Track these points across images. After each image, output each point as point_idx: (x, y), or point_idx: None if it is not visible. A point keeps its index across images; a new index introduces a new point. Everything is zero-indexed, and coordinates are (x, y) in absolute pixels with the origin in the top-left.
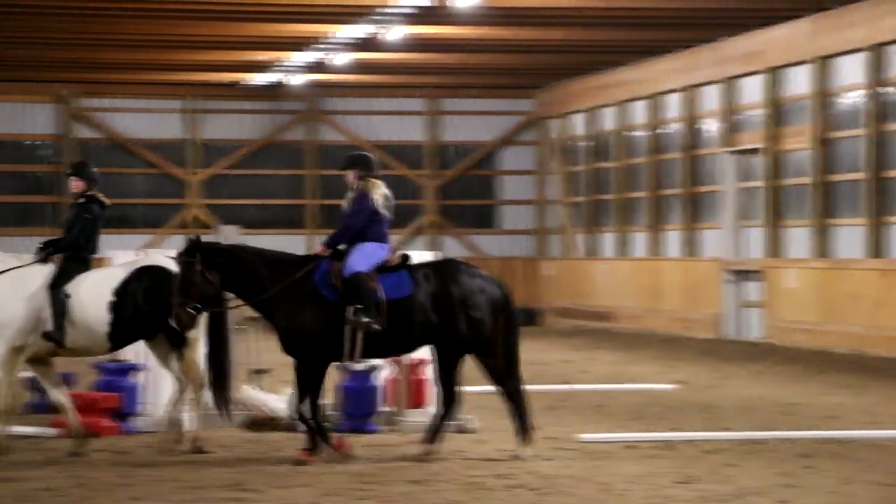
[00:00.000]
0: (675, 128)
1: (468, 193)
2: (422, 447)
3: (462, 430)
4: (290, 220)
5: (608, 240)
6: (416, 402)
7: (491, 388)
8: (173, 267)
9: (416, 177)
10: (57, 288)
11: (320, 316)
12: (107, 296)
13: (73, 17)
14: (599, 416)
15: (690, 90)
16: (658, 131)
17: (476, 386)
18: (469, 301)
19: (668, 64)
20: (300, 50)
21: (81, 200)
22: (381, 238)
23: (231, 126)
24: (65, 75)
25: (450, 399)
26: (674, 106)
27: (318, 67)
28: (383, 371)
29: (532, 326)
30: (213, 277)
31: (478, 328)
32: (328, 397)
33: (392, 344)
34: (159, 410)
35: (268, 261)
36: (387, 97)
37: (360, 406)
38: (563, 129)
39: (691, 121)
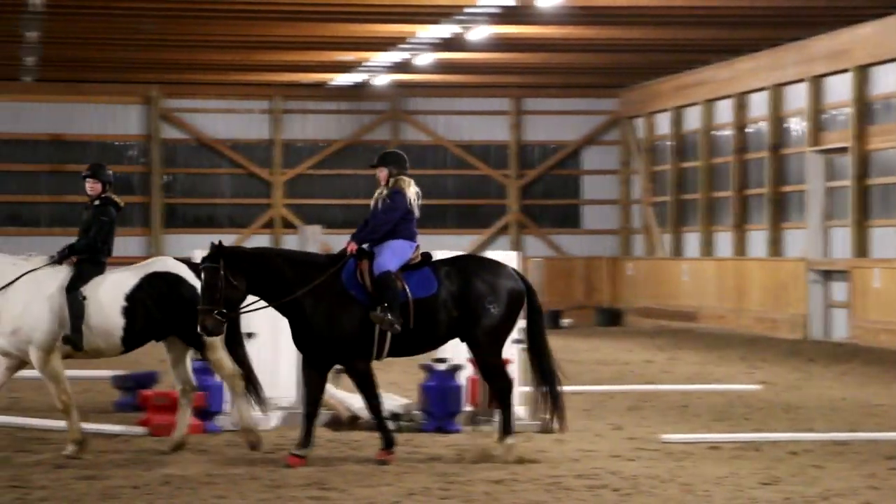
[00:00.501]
0: (760, 127)
1: (551, 193)
2: (500, 447)
3: (544, 430)
4: None
5: (692, 239)
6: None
7: (572, 388)
8: (184, 270)
9: (499, 176)
10: (74, 290)
11: (349, 316)
12: (120, 300)
13: (162, 19)
14: (682, 417)
15: (776, 89)
16: (743, 130)
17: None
18: (491, 294)
19: (752, 63)
20: (385, 50)
21: (97, 203)
22: (411, 236)
23: (315, 126)
24: (153, 76)
25: (504, 382)
26: (759, 105)
27: (401, 67)
28: (466, 371)
29: (615, 326)
30: (239, 282)
31: (496, 321)
32: (411, 396)
33: (419, 342)
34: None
35: (295, 262)
36: (470, 97)
37: (443, 406)
38: (648, 128)
39: (777, 120)
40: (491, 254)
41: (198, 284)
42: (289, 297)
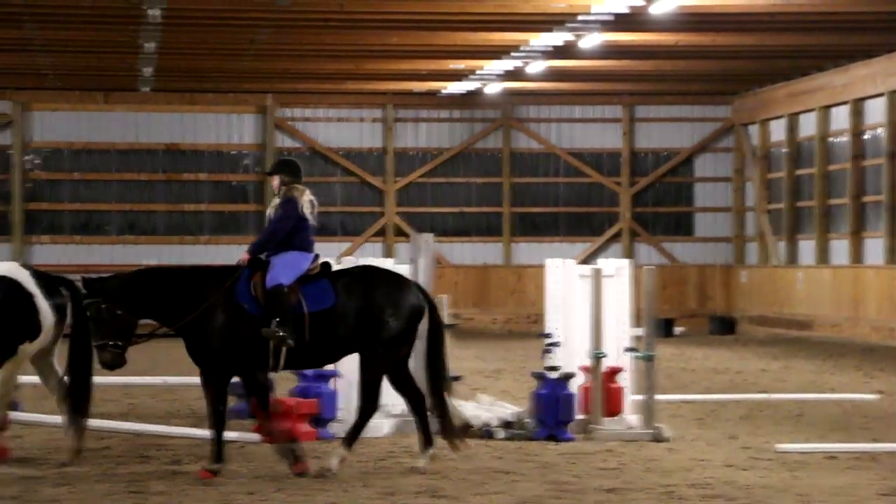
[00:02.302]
0: (877, 133)
1: (664, 201)
2: (423, 457)
3: (657, 439)
4: (486, 228)
5: (807, 247)
6: (612, 410)
7: (685, 396)
8: (25, 278)
9: (611, 184)
10: None
11: (242, 330)
12: None
13: (277, 29)
14: (797, 426)
15: (892, 95)
16: (860, 137)
17: (669, 395)
18: (389, 306)
19: (868, 68)
20: (497, 58)
21: None
22: (306, 246)
23: (427, 134)
24: (267, 86)
25: (415, 401)
26: (875, 111)
27: (514, 75)
28: (578, 379)
29: (728, 335)
30: (122, 310)
31: (394, 333)
32: (523, 404)
33: (316, 355)
34: (353, 417)
35: (185, 277)
36: (582, 104)
37: (555, 414)
38: (762, 135)
39: (894, 126)
40: (602, 262)
41: (37, 293)
42: (183, 319)
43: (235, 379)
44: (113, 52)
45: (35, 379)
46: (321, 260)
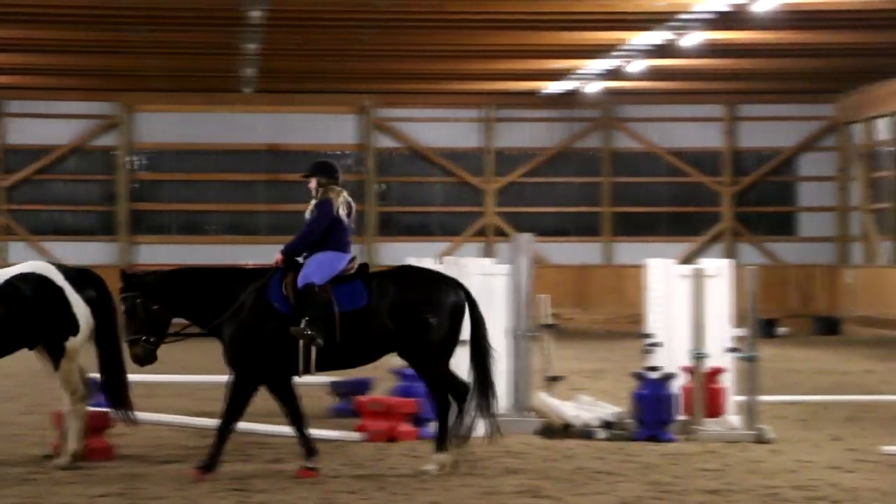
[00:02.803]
0: None
1: (766, 200)
2: (432, 461)
3: (759, 441)
4: (586, 228)
5: None
6: (713, 411)
7: (789, 398)
8: (54, 274)
9: (713, 184)
10: None
11: (272, 330)
12: None
13: (377, 30)
14: None
15: None
16: None
17: (772, 396)
18: (427, 307)
19: None
20: (597, 57)
21: None
22: (341, 247)
23: (527, 134)
24: (367, 86)
25: (443, 406)
26: None
27: (614, 74)
28: (679, 379)
29: (833, 335)
30: (158, 307)
31: (435, 333)
32: (623, 405)
33: (349, 355)
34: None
35: (220, 277)
36: (683, 103)
37: (656, 414)
38: (866, 133)
39: None
40: (704, 262)
41: (67, 287)
42: (209, 315)
43: (335, 377)
44: (216, 54)
45: (140, 377)
46: (358, 261)
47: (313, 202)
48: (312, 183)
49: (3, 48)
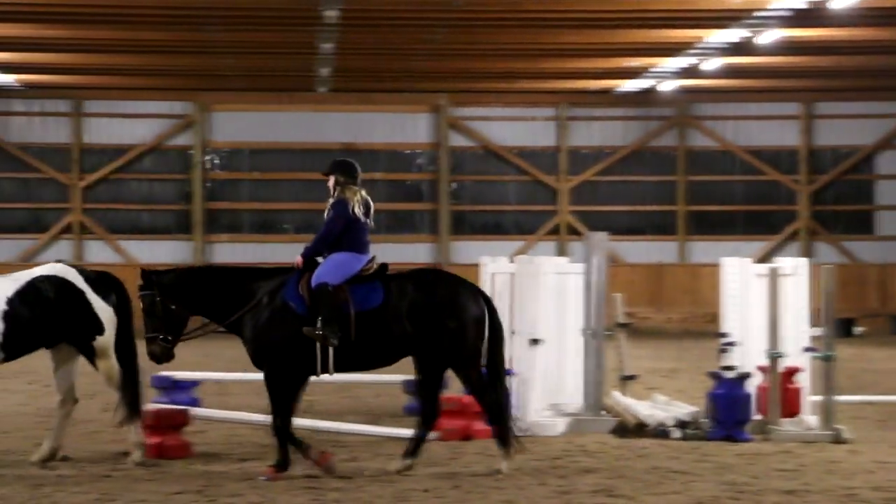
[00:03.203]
0: None
1: (844, 199)
2: (401, 462)
3: (836, 441)
4: (661, 227)
5: None
6: (790, 411)
7: (868, 397)
8: (72, 275)
9: (790, 182)
10: None
11: (287, 328)
12: (0, 304)
13: (451, 29)
14: None
15: None
16: None
17: (850, 396)
18: (446, 311)
19: None
20: (672, 55)
21: None
22: (358, 247)
23: (601, 133)
24: (441, 85)
25: (430, 413)
26: None
27: (689, 73)
28: (755, 379)
29: None
30: (177, 305)
31: (456, 338)
32: (699, 404)
33: (366, 356)
34: (528, 415)
35: (235, 278)
36: (759, 101)
37: (732, 414)
38: None
39: None
40: (780, 261)
41: (87, 290)
42: (228, 314)
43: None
44: (291, 54)
45: (217, 375)
46: (378, 262)
47: (330, 201)
48: (330, 182)
49: (81, 48)
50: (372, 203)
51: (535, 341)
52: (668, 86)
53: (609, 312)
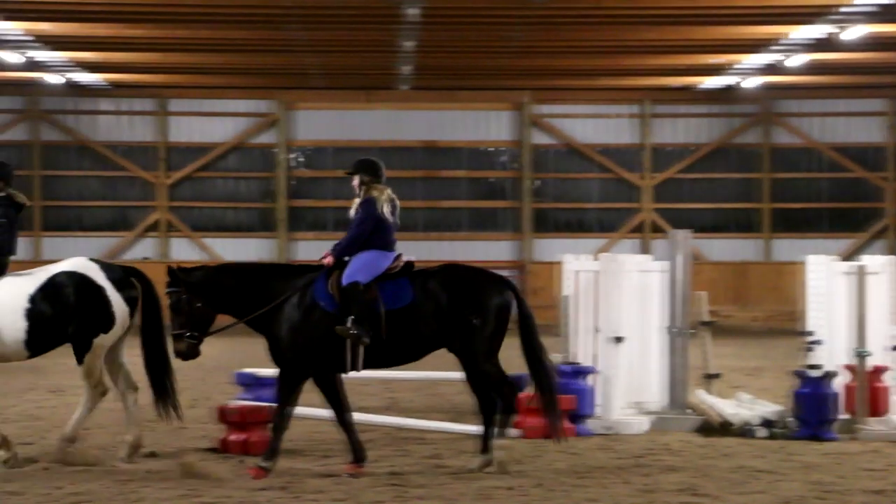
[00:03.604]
0: None
1: None
2: (477, 459)
3: None
4: (744, 224)
5: None
6: (876, 410)
7: None
8: (94, 271)
9: (876, 179)
10: None
11: (318, 328)
12: (22, 302)
13: (533, 26)
14: None
15: None
16: None
17: None
18: (470, 306)
19: None
20: (756, 52)
21: None
22: (386, 245)
23: (684, 130)
24: (523, 83)
25: (487, 406)
26: None
27: (773, 69)
28: (841, 377)
29: None
30: (203, 303)
31: (479, 333)
32: (784, 403)
33: (396, 353)
34: (612, 413)
35: (262, 276)
36: (845, 98)
37: (817, 413)
38: None
39: None
40: (867, 259)
41: (108, 286)
42: (254, 312)
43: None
44: (373, 52)
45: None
46: (404, 259)
47: (357, 201)
48: (355, 181)
49: (167, 48)
50: (398, 202)
51: (618, 339)
52: (751, 82)
53: (692, 310)
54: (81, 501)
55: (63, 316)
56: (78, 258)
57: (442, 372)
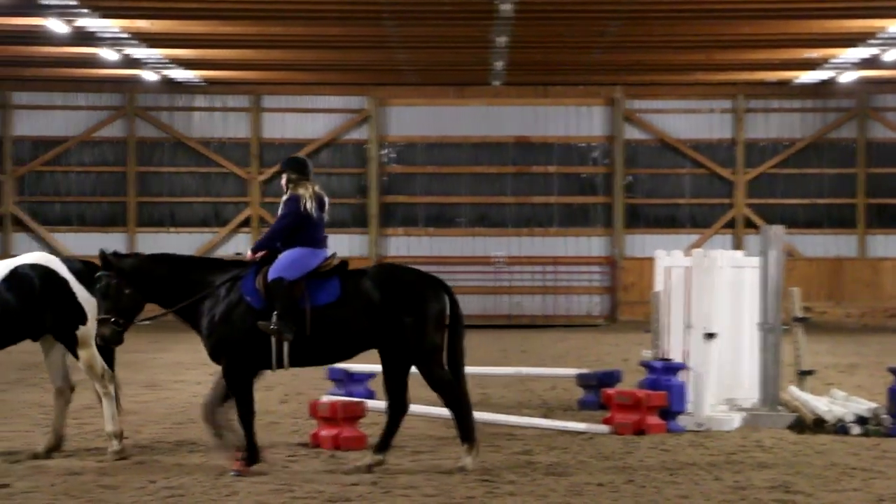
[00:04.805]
0: None
1: None
2: (371, 458)
3: None
4: (839, 220)
5: None
6: None
7: None
8: (57, 265)
9: None
10: None
11: (242, 322)
12: None
13: (626, 21)
14: None
15: None
16: None
17: None
18: (403, 306)
19: None
20: (852, 46)
21: None
22: (315, 242)
23: (778, 125)
24: (616, 78)
25: (397, 408)
26: None
27: (870, 63)
28: None
29: None
30: (131, 290)
31: (413, 334)
32: (879, 400)
33: (322, 351)
34: (703, 409)
35: (192, 268)
36: None
37: None
38: None
39: None
40: None
41: (71, 279)
42: (180, 304)
43: (583, 370)
44: (466, 48)
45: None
46: (338, 257)
47: (284, 197)
48: (283, 179)
49: (260, 44)
50: (327, 198)
51: (709, 335)
52: (847, 77)
53: (786, 307)
54: (175, 495)
55: (28, 308)
56: (37, 252)
57: (533, 368)
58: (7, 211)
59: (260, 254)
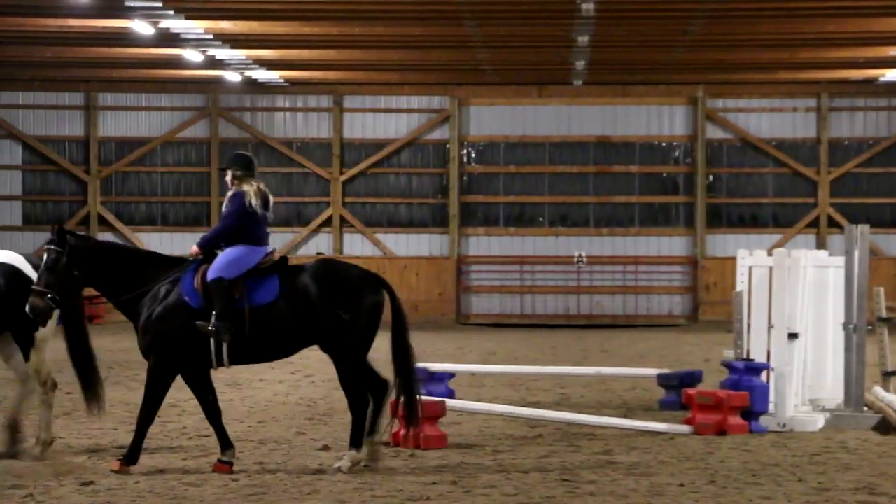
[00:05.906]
0: None
1: None
2: (346, 457)
3: None
4: None
5: None
6: None
7: None
8: (22, 264)
9: None
10: None
11: (179, 322)
12: None
13: (709, 19)
14: None
15: None
16: None
17: None
18: (340, 303)
19: None
20: None
21: None
22: (256, 240)
23: (861, 123)
24: (698, 77)
25: (358, 404)
26: None
27: None
28: None
29: None
30: (78, 272)
31: (350, 330)
32: None
33: (261, 349)
34: (786, 410)
35: (138, 261)
36: None
37: None
38: None
39: None
40: None
41: (35, 277)
42: (121, 297)
43: (664, 370)
44: (547, 47)
45: (471, 367)
46: (277, 255)
47: (228, 194)
48: (228, 175)
49: (342, 45)
50: (271, 196)
51: (792, 335)
52: None
53: (870, 307)
54: (257, 493)
55: None
56: (3, 251)
57: (613, 368)
58: (93, 211)
59: (195, 250)
